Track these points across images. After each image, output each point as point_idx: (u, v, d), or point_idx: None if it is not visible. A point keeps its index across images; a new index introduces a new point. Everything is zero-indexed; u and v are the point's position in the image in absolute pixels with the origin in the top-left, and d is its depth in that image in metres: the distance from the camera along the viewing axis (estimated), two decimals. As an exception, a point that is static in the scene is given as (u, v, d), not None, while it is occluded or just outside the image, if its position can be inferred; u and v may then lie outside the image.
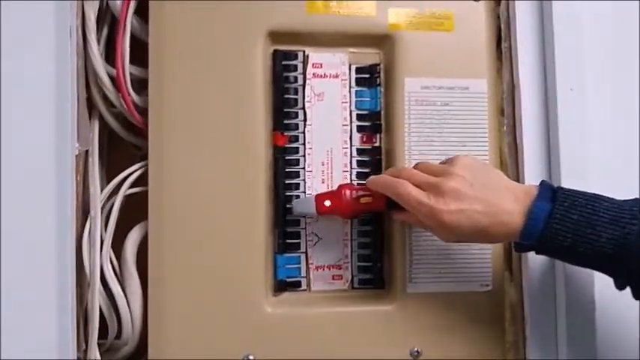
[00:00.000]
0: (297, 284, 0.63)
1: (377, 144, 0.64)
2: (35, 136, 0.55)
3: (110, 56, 0.62)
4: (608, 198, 0.53)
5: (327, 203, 0.60)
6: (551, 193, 0.53)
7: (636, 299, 0.53)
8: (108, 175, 0.64)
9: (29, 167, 0.55)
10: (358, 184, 0.63)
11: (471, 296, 0.64)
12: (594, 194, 0.53)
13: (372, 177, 0.61)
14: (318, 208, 0.60)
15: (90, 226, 0.59)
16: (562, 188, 0.53)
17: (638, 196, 0.53)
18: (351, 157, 0.64)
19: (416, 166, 0.59)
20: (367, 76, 0.65)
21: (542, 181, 0.55)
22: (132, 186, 0.61)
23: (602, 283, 0.63)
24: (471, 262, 0.64)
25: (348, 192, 0.60)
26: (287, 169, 0.63)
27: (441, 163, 0.59)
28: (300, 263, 0.63)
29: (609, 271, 0.53)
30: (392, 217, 0.63)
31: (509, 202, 0.53)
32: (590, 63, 0.65)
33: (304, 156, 0.64)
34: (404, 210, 0.57)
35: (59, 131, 0.56)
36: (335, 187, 0.62)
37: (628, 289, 0.53)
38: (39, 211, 0.55)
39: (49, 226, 0.55)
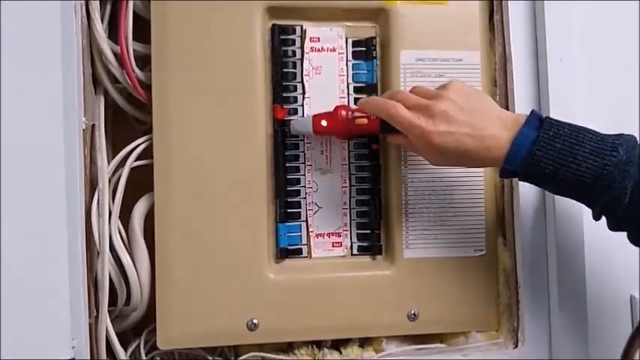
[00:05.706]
0: (299, 251, 0.64)
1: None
2: (45, 112, 0.57)
3: (113, 34, 0.63)
4: (593, 131, 0.54)
5: (324, 123, 0.61)
6: (538, 122, 0.54)
7: (610, 229, 0.55)
8: (113, 149, 0.66)
9: (39, 142, 0.56)
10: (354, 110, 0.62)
11: (466, 261, 0.65)
12: (581, 127, 0.54)
13: (365, 98, 0.62)
14: (314, 128, 0.61)
15: (98, 198, 0.61)
16: (550, 118, 0.54)
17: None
18: (349, 128, 0.66)
19: (412, 90, 0.60)
20: (363, 49, 0.65)
21: (533, 110, 0.56)
22: (137, 159, 0.63)
23: (591, 248, 0.65)
24: (465, 228, 0.66)
25: (344, 112, 0.61)
26: (286, 141, 0.64)
27: (436, 88, 0.59)
28: (301, 231, 0.65)
29: (587, 201, 0.55)
30: (387, 140, 0.64)
31: (497, 128, 0.55)
32: (579, 34, 0.67)
33: (303, 128, 0.65)
34: (397, 133, 0.59)
35: (67, 107, 0.58)
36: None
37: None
38: (50, 183, 0.56)
39: (59, 198, 0.57)
